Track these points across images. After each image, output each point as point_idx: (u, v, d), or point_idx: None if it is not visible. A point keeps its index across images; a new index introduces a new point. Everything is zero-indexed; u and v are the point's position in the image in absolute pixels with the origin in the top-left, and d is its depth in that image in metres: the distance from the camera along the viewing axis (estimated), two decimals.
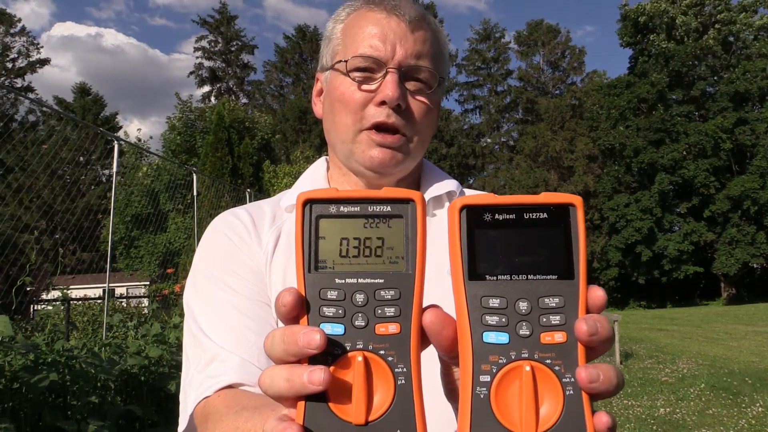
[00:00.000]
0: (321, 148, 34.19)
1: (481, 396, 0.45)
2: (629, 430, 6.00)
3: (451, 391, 0.52)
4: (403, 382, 0.46)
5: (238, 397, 0.77)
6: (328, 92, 1.00)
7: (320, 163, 1.09)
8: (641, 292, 35.19)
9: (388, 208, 0.49)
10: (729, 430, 5.83)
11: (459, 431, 0.45)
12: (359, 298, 0.47)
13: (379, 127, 0.93)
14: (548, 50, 49.82)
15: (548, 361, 0.46)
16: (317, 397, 0.46)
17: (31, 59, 42.55)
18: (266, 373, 0.48)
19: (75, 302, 10.51)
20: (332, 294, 0.48)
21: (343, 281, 0.48)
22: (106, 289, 5.92)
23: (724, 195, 31.98)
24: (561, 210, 0.48)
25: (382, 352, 0.47)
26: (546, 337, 0.46)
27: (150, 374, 4.43)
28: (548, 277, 0.47)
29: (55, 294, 9.98)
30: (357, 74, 0.94)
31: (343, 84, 0.94)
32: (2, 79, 39.06)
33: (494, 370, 0.46)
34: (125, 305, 11.63)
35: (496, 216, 0.48)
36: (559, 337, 0.46)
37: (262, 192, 20.82)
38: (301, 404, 0.46)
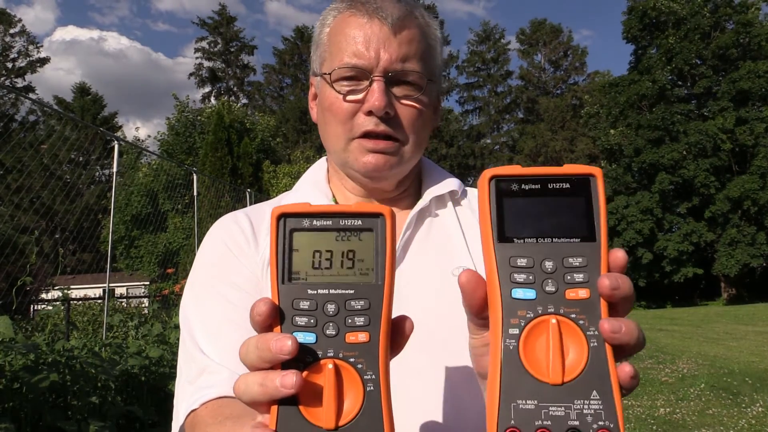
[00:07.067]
0: (321, 148, 34.01)
1: (510, 347, 0.48)
2: (629, 430, 6.00)
3: (480, 360, 0.56)
4: (371, 388, 0.48)
5: (222, 407, 0.77)
6: (319, 100, 0.99)
7: (321, 164, 1.07)
8: (641, 292, 35.13)
9: (359, 222, 0.51)
10: (729, 430, 5.83)
11: (489, 380, 0.49)
12: (330, 308, 0.50)
13: (369, 135, 0.91)
14: (550, 50, 49.81)
15: (573, 316, 0.49)
16: (289, 403, 0.48)
17: (31, 58, 42.56)
18: (241, 379, 0.50)
19: (75, 302, 10.51)
20: (304, 304, 0.50)
21: (315, 292, 0.50)
22: (106, 289, 5.92)
23: (724, 195, 31.92)
24: (582, 180, 0.51)
25: (351, 359, 0.49)
26: (570, 294, 0.49)
27: (150, 374, 4.43)
28: (572, 239, 0.50)
29: (55, 294, 9.97)
30: (343, 84, 0.92)
31: (331, 94, 0.93)
32: (2, 79, 39.03)
33: (522, 324, 0.49)
34: (125, 305, 11.62)
35: (523, 186, 0.51)
36: (582, 293, 0.49)
37: (262, 192, 20.81)
38: (274, 409, 0.48)
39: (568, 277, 0.49)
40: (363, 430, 0.48)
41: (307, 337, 0.49)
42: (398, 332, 0.52)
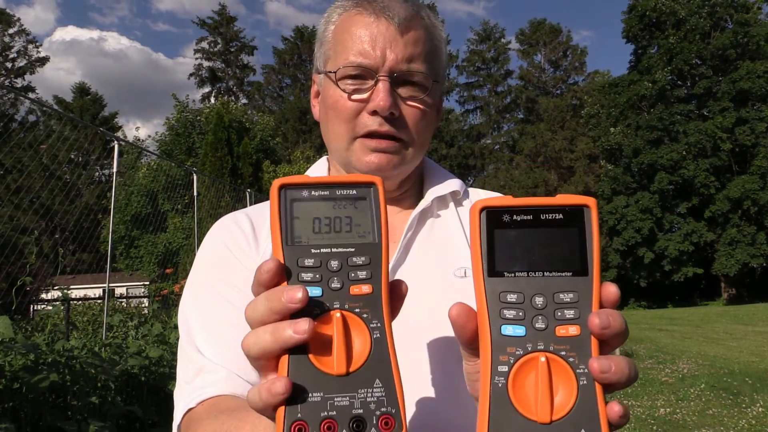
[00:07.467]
0: (321, 148, 34.17)
1: (500, 385, 0.48)
2: (629, 430, 6.00)
3: (473, 385, 0.55)
4: (378, 336, 0.50)
5: (218, 402, 0.78)
6: (322, 98, 0.98)
7: (322, 163, 1.07)
8: (641, 292, 35.17)
9: (354, 192, 0.54)
10: (729, 430, 5.83)
11: (479, 416, 0.48)
12: (334, 264, 0.52)
13: (373, 135, 0.91)
14: (550, 50, 49.82)
15: (563, 353, 0.49)
16: (300, 352, 0.49)
17: (30, 58, 42.55)
18: (250, 333, 0.51)
19: (75, 302, 10.50)
20: (309, 261, 0.52)
21: (319, 251, 0.52)
22: (106, 289, 5.92)
23: (724, 195, 31.93)
24: (575, 211, 0.51)
25: (357, 309, 0.51)
26: (561, 330, 0.49)
27: (150, 374, 4.43)
28: (563, 274, 0.50)
29: (55, 294, 9.96)
30: (348, 83, 0.91)
31: (336, 93, 0.92)
32: (2, 79, 39.03)
33: (512, 361, 0.49)
34: (125, 305, 11.62)
35: (514, 217, 0.51)
36: (573, 330, 0.49)
37: (262, 192, 20.80)
38: (285, 359, 0.49)
39: (559, 314, 0.49)
40: (373, 374, 0.49)
41: (314, 292, 0.50)
42: (395, 294, 0.54)
